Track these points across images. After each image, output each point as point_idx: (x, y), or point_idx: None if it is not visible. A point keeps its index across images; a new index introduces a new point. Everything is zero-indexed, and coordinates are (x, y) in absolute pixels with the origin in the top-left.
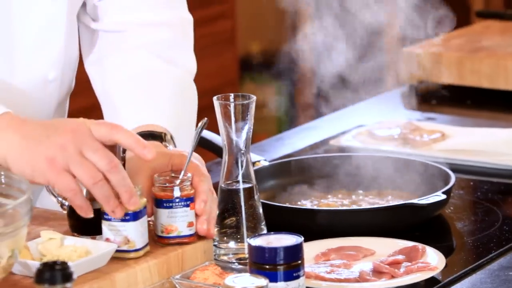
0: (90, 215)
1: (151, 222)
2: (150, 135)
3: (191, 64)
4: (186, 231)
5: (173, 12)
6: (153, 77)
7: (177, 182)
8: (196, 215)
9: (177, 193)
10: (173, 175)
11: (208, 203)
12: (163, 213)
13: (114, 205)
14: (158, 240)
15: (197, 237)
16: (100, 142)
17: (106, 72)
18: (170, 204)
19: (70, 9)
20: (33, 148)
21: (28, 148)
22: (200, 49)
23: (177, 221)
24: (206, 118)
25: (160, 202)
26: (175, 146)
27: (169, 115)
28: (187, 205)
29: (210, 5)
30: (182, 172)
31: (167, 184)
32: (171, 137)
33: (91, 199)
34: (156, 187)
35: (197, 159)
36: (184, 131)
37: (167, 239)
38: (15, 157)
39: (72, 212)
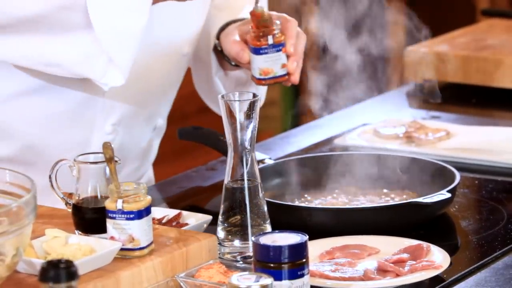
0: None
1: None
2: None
3: None
4: (280, 72)
5: None
6: None
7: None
8: (288, 56)
9: (270, 41)
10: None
11: (299, 45)
12: (260, 59)
13: None
14: (257, 82)
15: (287, 78)
16: None
17: None
18: (266, 51)
19: None
20: None
21: None
22: None
23: (273, 64)
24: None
25: (257, 50)
26: None
27: None
28: (280, 50)
29: None
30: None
31: (261, 34)
32: None
33: (95, 197)
34: (252, 37)
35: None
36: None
37: (265, 80)
38: None
39: (76, 210)
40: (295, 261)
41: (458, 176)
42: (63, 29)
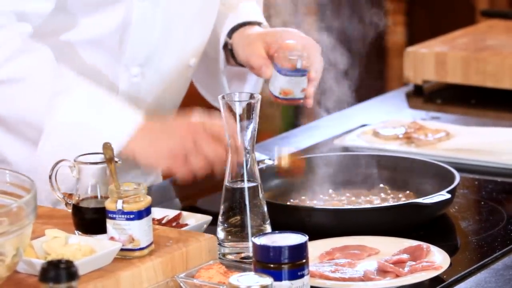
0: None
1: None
2: (251, 22)
3: None
4: (299, 95)
5: None
6: None
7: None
8: (309, 81)
9: (299, 64)
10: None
11: (319, 71)
12: (284, 79)
13: None
14: (274, 99)
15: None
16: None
17: None
18: (292, 74)
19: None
20: (157, 141)
21: (152, 141)
22: None
23: (295, 87)
24: None
25: (283, 70)
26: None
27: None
28: (304, 75)
29: None
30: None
31: (292, 57)
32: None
33: (95, 196)
34: (282, 57)
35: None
36: None
37: (282, 100)
38: (143, 150)
39: (76, 211)
40: (295, 262)
41: (458, 176)
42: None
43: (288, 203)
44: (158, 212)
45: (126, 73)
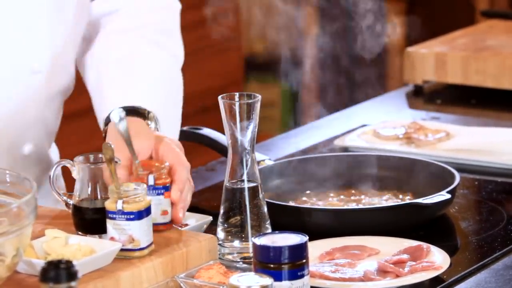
0: None
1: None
2: (134, 111)
3: (178, 50)
4: (160, 219)
5: None
6: (140, 59)
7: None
8: (172, 203)
9: (151, 181)
10: (156, 164)
11: (185, 192)
12: None
13: None
14: None
15: (172, 225)
16: None
17: (94, 57)
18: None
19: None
20: None
21: None
22: (205, 48)
23: (152, 209)
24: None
25: None
26: (157, 125)
27: (155, 97)
28: (161, 193)
29: (215, 3)
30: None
31: (141, 173)
32: (154, 117)
33: (95, 197)
34: (135, 174)
35: (178, 147)
36: (169, 114)
37: None
38: None
39: (76, 211)
40: (295, 262)
41: (458, 177)
42: None
43: (288, 203)
44: None
45: None
